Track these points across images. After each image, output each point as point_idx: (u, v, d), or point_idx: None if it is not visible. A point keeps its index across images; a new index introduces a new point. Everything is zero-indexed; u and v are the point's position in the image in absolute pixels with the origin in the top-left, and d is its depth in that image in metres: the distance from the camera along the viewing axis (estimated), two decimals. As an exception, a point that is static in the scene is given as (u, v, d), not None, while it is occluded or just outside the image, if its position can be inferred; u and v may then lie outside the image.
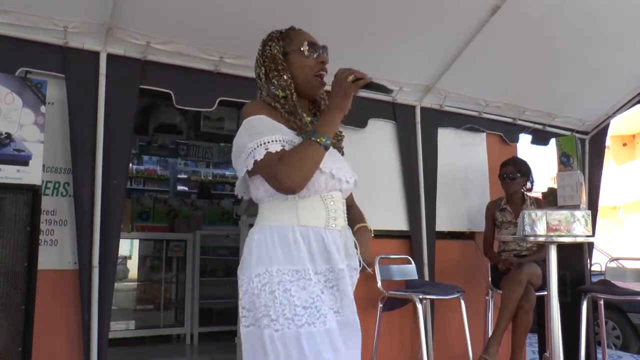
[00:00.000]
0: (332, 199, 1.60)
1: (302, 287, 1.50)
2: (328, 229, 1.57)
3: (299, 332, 1.45)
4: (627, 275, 4.16)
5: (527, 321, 3.52)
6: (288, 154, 1.50)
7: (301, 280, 1.51)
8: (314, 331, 1.46)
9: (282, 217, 1.56)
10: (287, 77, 1.64)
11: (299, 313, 1.47)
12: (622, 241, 15.68)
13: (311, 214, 1.56)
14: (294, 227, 1.54)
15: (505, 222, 3.88)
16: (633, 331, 5.54)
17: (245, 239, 1.67)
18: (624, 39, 3.62)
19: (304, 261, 1.52)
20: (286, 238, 1.54)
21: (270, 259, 1.52)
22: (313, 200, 1.57)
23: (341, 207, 1.63)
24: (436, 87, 3.85)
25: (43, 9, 2.65)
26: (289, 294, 1.48)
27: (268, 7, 2.89)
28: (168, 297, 5.63)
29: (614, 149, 17.14)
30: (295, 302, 1.47)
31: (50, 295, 2.70)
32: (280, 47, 1.68)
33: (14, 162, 2.43)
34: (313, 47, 1.66)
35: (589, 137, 4.77)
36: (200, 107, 3.28)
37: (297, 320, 1.46)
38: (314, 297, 1.50)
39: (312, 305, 1.49)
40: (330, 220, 1.58)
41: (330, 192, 1.60)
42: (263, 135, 1.51)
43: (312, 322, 1.47)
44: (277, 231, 1.55)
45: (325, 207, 1.58)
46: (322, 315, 1.49)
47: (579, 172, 3.63)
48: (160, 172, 7.76)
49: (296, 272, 1.51)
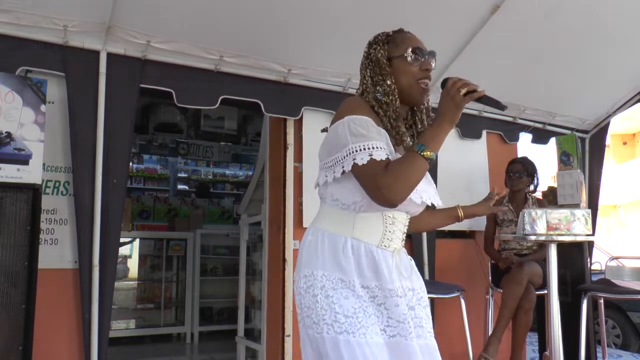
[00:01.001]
0: (393, 219, 1.56)
1: (345, 297, 1.48)
2: (380, 248, 1.53)
3: (338, 338, 1.44)
4: (627, 274, 4.17)
5: (527, 320, 3.52)
6: (395, 165, 1.44)
7: (345, 289, 1.49)
8: (352, 340, 1.44)
9: (337, 226, 1.54)
10: (390, 82, 1.59)
11: (340, 320, 1.46)
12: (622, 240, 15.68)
13: (367, 230, 1.53)
14: (346, 238, 1.52)
15: (506, 220, 3.88)
16: (633, 330, 5.54)
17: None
18: (624, 37, 3.62)
19: (351, 272, 1.50)
20: (336, 246, 1.52)
21: (317, 262, 1.52)
22: (373, 217, 1.54)
23: (401, 229, 1.58)
24: (436, 86, 3.83)
25: (43, 8, 2.65)
26: (330, 300, 1.48)
27: (267, 6, 2.88)
28: (168, 296, 5.64)
29: (614, 148, 17.15)
30: (336, 309, 1.47)
31: (50, 295, 2.70)
32: (385, 52, 1.62)
33: (14, 161, 2.43)
34: (418, 52, 1.61)
35: (589, 136, 4.76)
36: (202, 105, 3.27)
37: (336, 327, 1.45)
38: (356, 308, 1.48)
39: (353, 315, 1.47)
40: (385, 241, 1.54)
41: (394, 211, 1.55)
42: (368, 139, 1.46)
43: (351, 331, 1.45)
44: (328, 237, 1.54)
45: (384, 226, 1.54)
46: (362, 327, 1.46)
47: (579, 171, 3.63)
48: (160, 171, 7.77)
49: (341, 281, 1.50)
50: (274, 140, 3.65)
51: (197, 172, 8.03)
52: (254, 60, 3.20)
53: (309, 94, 3.39)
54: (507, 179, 3.92)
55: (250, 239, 4.37)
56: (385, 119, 1.56)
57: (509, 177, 3.90)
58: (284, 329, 3.37)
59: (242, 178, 8.09)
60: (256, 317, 4.10)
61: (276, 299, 3.48)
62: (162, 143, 7.58)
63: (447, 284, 3.56)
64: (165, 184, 7.79)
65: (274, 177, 3.63)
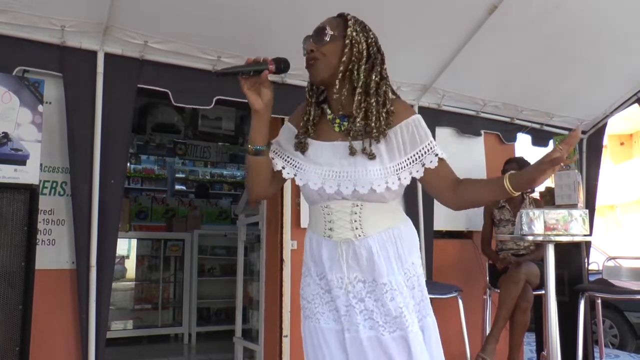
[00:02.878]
0: (329, 209, 1.54)
1: (307, 284, 1.64)
2: (324, 238, 1.57)
3: (304, 323, 1.65)
4: (624, 274, 4.17)
5: (524, 320, 3.53)
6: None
7: (308, 277, 1.65)
8: (310, 325, 1.61)
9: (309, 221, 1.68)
10: None
11: (304, 306, 1.65)
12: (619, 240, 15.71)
13: (314, 222, 1.63)
14: (309, 230, 1.66)
15: (503, 220, 3.89)
16: (630, 330, 5.55)
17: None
18: (621, 38, 3.62)
19: (309, 262, 1.65)
20: (306, 239, 1.67)
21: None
22: (314, 210, 1.62)
23: (344, 217, 1.51)
24: (434, 86, 3.85)
25: (40, 8, 2.64)
26: (302, 288, 1.67)
27: (265, 6, 2.88)
28: (166, 296, 5.64)
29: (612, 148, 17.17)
30: (303, 295, 1.66)
31: (48, 295, 2.70)
32: None
33: (12, 161, 2.42)
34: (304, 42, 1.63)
35: (586, 137, 4.77)
36: (198, 105, 3.27)
37: (303, 312, 1.65)
38: (314, 294, 1.61)
39: (312, 301, 1.62)
40: (326, 231, 1.55)
41: (329, 201, 1.53)
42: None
43: (309, 315, 1.62)
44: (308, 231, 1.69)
45: (323, 217, 1.57)
46: (318, 312, 1.60)
47: (576, 172, 3.63)
48: (158, 172, 7.76)
49: (307, 269, 1.65)
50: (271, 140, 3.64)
51: (195, 172, 8.03)
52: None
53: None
54: None
55: (248, 239, 4.37)
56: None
57: None
58: (281, 330, 3.37)
59: (239, 178, 8.09)
60: (254, 318, 4.10)
61: (274, 299, 3.48)
62: (159, 143, 7.57)
63: (444, 284, 3.56)
64: (162, 184, 7.78)
65: (272, 177, 3.62)
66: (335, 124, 1.55)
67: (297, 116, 1.65)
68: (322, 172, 1.52)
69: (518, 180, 1.45)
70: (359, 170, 1.48)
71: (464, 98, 4.06)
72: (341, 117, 1.55)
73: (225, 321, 5.60)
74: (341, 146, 1.52)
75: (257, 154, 1.54)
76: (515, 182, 1.45)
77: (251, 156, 1.54)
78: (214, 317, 5.91)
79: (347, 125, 1.52)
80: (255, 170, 1.57)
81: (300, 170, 1.56)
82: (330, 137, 1.55)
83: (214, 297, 5.82)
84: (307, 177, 1.53)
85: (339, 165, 1.51)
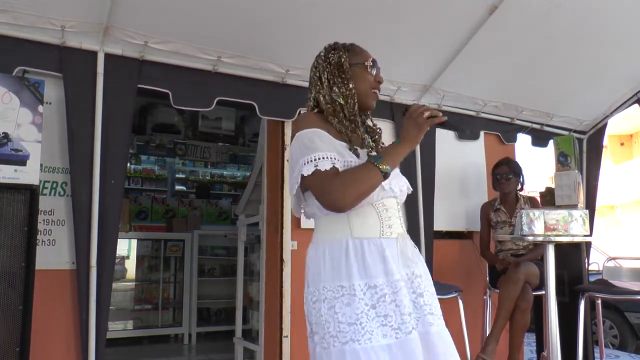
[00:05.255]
0: (385, 206, 1.60)
1: (347, 304, 1.49)
2: (383, 237, 1.56)
3: (344, 349, 1.45)
4: (624, 275, 4.18)
5: (524, 320, 3.52)
6: (347, 173, 1.52)
7: (345, 296, 1.50)
8: (359, 348, 1.44)
9: (335, 232, 1.57)
10: (352, 86, 1.66)
11: (344, 330, 1.47)
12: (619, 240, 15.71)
13: (364, 225, 1.56)
14: (347, 240, 1.55)
15: (500, 222, 3.89)
16: (630, 330, 5.55)
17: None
18: (621, 38, 3.62)
19: (351, 276, 1.51)
20: (337, 253, 1.54)
21: (319, 276, 1.55)
22: (365, 210, 1.57)
23: (396, 214, 1.63)
24: (434, 86, 3.85)
25: (40, 9, 2.64)
26: (332, 311, 1.50)
27: (265, 7, 2.88)
28: (166, 297, 5.64)
29: (612, 149, 17.17)
30: (339, 318, 1.48)
31: (48, 296, 2.70)
32: (347, 57, 1.70)
33: (12, 161, 2.42)
34: (375, 64, 1.72)
35: (586, 137, 4.77)
36: (198, 107, 3.28)
37: (341, 337, 1.46)
38: (358, 314, 1.48)
39: (356, 322, 1.47)
40: (385, 229, 1.57)
41: (382, 199, 1.60)
42: (313, 150, 1.52)
43: (356, 338, 1.46)
44: (329, 247, 1.57)
45: (379, 216, 1.58)
46: (367, 332, 1.46)
47: (576, 172, 3.64)
48: (158, 172, 7.75)
49: (341, 288, 1.51)
50: (271, 140, 3.65)
51: (195, 172, 8.02)
52: (252, 61, 3.20)
53: (306, 94, 3.38)
54: (496, 182, 3.93)
55: (248, 239, 4.37)
56: (335, 121, 1.63)
57: (497, 181, 3.91)
58: (281, 330, 3.37)
59: (239, 179, 8.08)
60: (254, 318, 4.10)
61: (274, 299, 3.48)
62: (159, 144, 7.57)
63: (444, 285, 3.56)
64: (162, 185, 7.77)
65: (272, 177, 3.63)
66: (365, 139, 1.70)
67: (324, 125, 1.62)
68: None
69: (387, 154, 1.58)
70: (399, 173, 1.69)
71: (464, 98, 4.06)
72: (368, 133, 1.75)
73: (226, 321, 5.60)
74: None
75: (385, 179, 1.54)
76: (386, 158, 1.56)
77: (382, 177, 1.53)
78: (214, 317, 5.91)
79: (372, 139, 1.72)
80: (374, 188, 1.54)
81: None
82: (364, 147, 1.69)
83: (214, 297, 5.82)
84: None
85: None
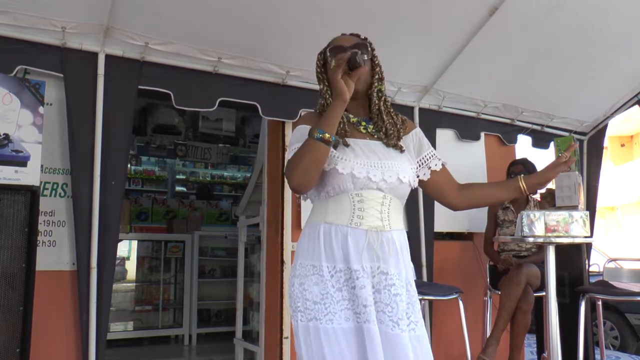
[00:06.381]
0: (361, 197, 1.60)
1: (315, 283, 1.57)
2: (351, 226, 1.58)
3: (308, 325, 1.55)
4: (625, 276, 4.17)
5: (525, 322, 3.52)
6: (292, 157, 1.59)
7: (315, 275, 1.58)
8: (320, 327, 1.53)
9: (315, 215, 1.67)
10: (322, 85, 1.74)
11: (309, 307, 1.56)
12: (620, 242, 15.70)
13: (337, 212, 1.61)
14: (320, 224, 1.62)
15: (506, 221, 3.88)
16: (631, 332, 5.55)
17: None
18: (622, 39, 3.62)
19: (320, 257, 1.59)
20: (313, 234, 1.63)
21: (299, 253, 1.66)
22: (340, 198, 1.61)
23: (375, 206, 1.61)
24: (434, 88, 3.85)
25: (41, 10, 2.64)
26: (302, 288, 1.59)
27: (266, 8, 2.89)
28: (166, 298, 5.64)
29: (612, 150, 17.17)
30: (306, 295, 1.57)
31: (48, 297, 2.70)
32: (321, 60, 1.76)
33: (12, 163, 2.43)
34: (335, 51, 1.68)
35: (587, 138, 4.77)
36: (200, 108, 3.28)
37: (307, 314, 1.56)
38: (323, 294, 1.55)
39: (321, 301, 1.55)
40: (355, 219, 1.59)
41: (362, 190, 1.61)
42: (292, 144, 1.65)
43: (319, 317, 1.54)
44: (309, 228, 1.67)
45: (352, 206, 1.60)
46: (330, 313, 1.54)
47: (577, 173, 3.62)
48: (158, 173, 7.76)
49: (312, 267, 1.59)
50: (272, 141, 3.65)
51: (195, 173, 8.02)
52: (253, 62, 3.20)
53: (307, 95, 3.39)
54: None
55: (249, 240, 4.37)
56: None
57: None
58: (282, 331, 3.37)
59: (240, 180, 8.09)
60: (254, 319, 4.10)
61: (274, 300, 3.48)
62: (160, 145, 7.57)
63: (445, 286, 3.56)
64: (163, 186, 7.77)
65: (273, 178, 3.63)
66: (361, 126, 1.71)
67: (313, 121, 1.66)
68: (365, 162, 1.62)
69: (532, 181, 1.76)
70: (395, 163, 1.65)
71: (464, 99, 4.06)
72: (366, 120, 1.73)
73: (226, 322, 5.60)
74: (372, 143, 1.68)
75: (328, 144, 1.54)
76: (529, 182, 1.75)
77: (323, 145, 1.53)
78: (214, 318, 5.91)
79: (374, 126, 1.72)
80: (319, 159, 1.55)
81: (340, 160, 1.62)
82: (357, 136, 1.69)
83: (215, 298, 5.82)
84: (351, 166, 1.60)
85: (376, 158, 1.65)
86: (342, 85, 1.53)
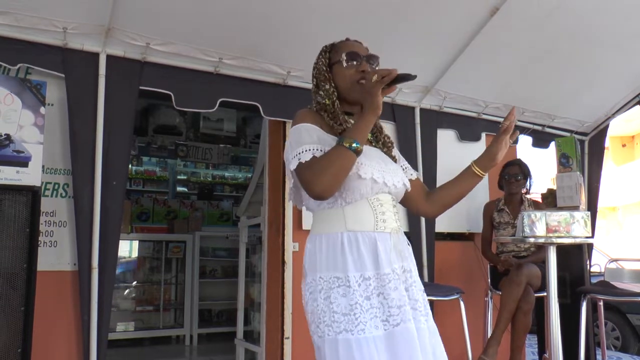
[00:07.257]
0: (380, 201, 1.61)
1: (342, 294, 1.52)
2: (377, 231, 1.58)
3: (337, 338, 1.49)
4: (626, 276, 4.17)
5: (526, 322, 3.52)
6: (319, 159, 1.52)
7: (341, 287, 1.53)
8: (351, 338, 1.47)
9: (331, 224, 1.60)
10: (329, 86, 1.71)
11: (338, 320, 1.50)
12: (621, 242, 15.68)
13: (359, 218, 1.59)
14: (342, 233, 1.58)
15: (502, 223, 3.88)
16: (632, 332, 5.54)
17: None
18: (623, 39, 3.62)
19: (346, 268, 1.54)
20: (333, 245, 1.57)
21: (316, 267, 1.58)
22: (360, 204, 1.59)
23: (391, 209, 1.65)
24: (435, 88, 3.85)
25: (42, 10, 2.65)
26: (328, 301, 1.52)
27: (266, 8, 2.89)
28: (167, 298, 5.64)
29: (613, 150, 17.15)
30: (334, 308, 1.51)
31: (49, 297, 2.70)
32: (326, 59, 1.74)
33: (14, 163, 2.43)
34: (352, 56, 1.70)
35: (588, 138, 4.77)
36: (201, 108, 3.28)
37: (335, 327, 1.50)
38: (352, 305, 1.50)
39: (350, 312, 1.50)
40: (379, 223, 1.59)
41: (378, 194, 1.61)
42: (299, 144, 1.56)
43: (349, 329, 1.49)
44: (325, 239, 1.59)
45: (373, 210, 1.60)
46: (360, 323, 1.49)
47: (578, 173, 3.63)
48: (159, 173, 7.77)
49: (337, 279, 1.54)
50: (273, 142, 3.65)
51: (197, 174, 8.03)
52: (254, 62, 3.20)
53: (308, 95, 3.37)
54: (504, 181, 3.92)
55: (250, 241, 4.37)
56: (327, 119, 1.68)
57: (505, 180, 3.90)
58: (283, 331, 3.37)
59: (241, 180, 8.09)
60: (255, 320, 4.10)
61: (275, 301, 3.48)
62: (161, 145, 7.58)
63: (446, 286, 3.56)
64: (164, 186, 7.78)
65: (274, 179, 3.63)
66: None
67: (315, 120, 1.66)
68: (379, 168, 1.63)
69: (482, 161, 1.76)
70: (396, 169, 1.71)
71: (465, 100, 4.06)
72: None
73: (227, 323, 5.60)
74: (374, 150, 1.71)
75: (358, 154, 1.52)
76: (480, 163, 1.76)
77: (354, 155, 1.51)
78: (215, 318, 5.92)
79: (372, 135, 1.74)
80: (347, 169, 1.52)
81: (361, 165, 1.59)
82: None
83: (216, 298, 5.83)
84: (371, 172, 1.59)
85: (383, 164, 1.66)
86: (380, 100, 1.54)
